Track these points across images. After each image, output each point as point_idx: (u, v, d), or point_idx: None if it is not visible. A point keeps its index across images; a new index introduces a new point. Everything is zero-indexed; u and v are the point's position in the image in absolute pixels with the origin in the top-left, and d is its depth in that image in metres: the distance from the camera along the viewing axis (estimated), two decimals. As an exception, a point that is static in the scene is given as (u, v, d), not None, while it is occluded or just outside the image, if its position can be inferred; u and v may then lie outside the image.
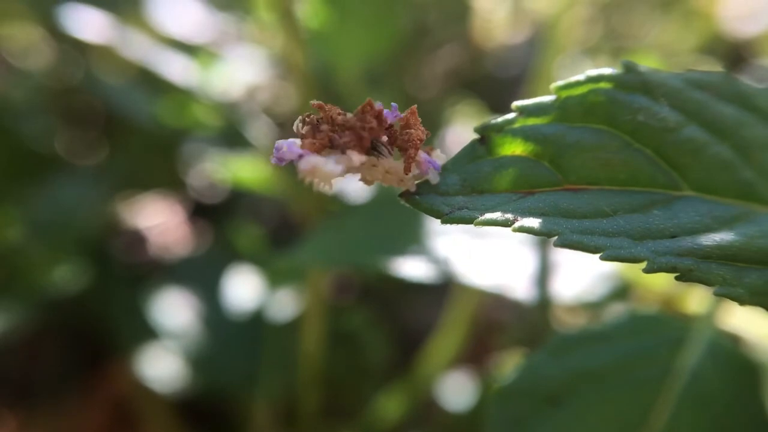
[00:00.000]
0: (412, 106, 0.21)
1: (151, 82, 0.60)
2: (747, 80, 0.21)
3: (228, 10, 0.64)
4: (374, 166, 0.22)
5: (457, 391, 0.56)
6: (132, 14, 0.61)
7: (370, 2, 0.50)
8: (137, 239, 0.70)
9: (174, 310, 0.57)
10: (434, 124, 0.69)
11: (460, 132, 0.67)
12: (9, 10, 0.62)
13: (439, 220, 0.21)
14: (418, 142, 0.21)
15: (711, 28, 0.81)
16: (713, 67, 0.78)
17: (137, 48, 0.52)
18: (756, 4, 0.83)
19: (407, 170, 0.21)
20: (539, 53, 0.53)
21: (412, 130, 0.21)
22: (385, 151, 0.21)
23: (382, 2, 0.51)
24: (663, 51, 0.78)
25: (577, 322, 0.43)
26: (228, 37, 0.64)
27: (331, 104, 0.22)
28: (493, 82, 0.78)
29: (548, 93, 0.22)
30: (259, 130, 0.55)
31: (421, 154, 0.22)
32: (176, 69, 0.53)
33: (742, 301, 0.19)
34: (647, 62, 0.56)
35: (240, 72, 0.60)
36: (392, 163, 0.21)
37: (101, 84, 0.61)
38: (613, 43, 0.78)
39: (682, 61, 0.78)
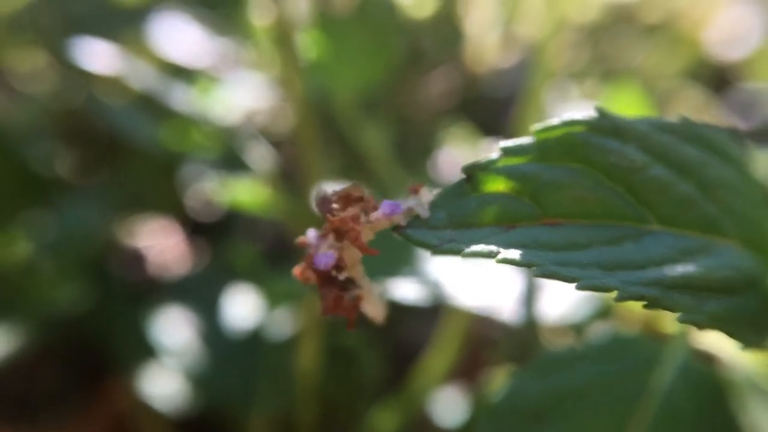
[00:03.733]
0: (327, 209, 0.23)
1: (152, 105, 0.61)
2: (707, 124, 0.23)
3: (227, 35, 0.66)
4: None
5: (449, 406, 0.57)
6: (132, 40, 0.62)
7: (367, 31, 0.52)
8: (136, 258, 0.71)
9: (173, 328, 0.58)
10: (428, 145, 0.71)
11: (452, 154, 0.69)
12: (16, 38, 0.64)
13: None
14: (354, 235, 0.23)
15: (696, 52, 0.84)
16: (698, 91, 0.80)
17: (142, 78, 0.54)
18: (740, 29, 0.86)
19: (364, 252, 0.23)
20: (529, 77, 0.55)
21: (345, 233, 0.23)
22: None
23: (378, 30, 0.53)
24: (649, 74, 0.81)
25: (563, 342, 0.45)
26: (227, 62, 0.66)
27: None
28: (485, 104, 0.80)
29: (537, 116, 0.24)
30: (257, 153, 0.57)
31: (378, 213, 0.24)
32: (177, 95, 0.55)
33: (702, 327, 0.21)
34: (630, 89, 0.58)
35: (239, 96, 0.62)
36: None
37: (103, 107, 0.62)
38: (600, 67, 0.81)
39: (668, 84, 0.80)
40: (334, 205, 0.23)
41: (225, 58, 0.65)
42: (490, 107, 0.79)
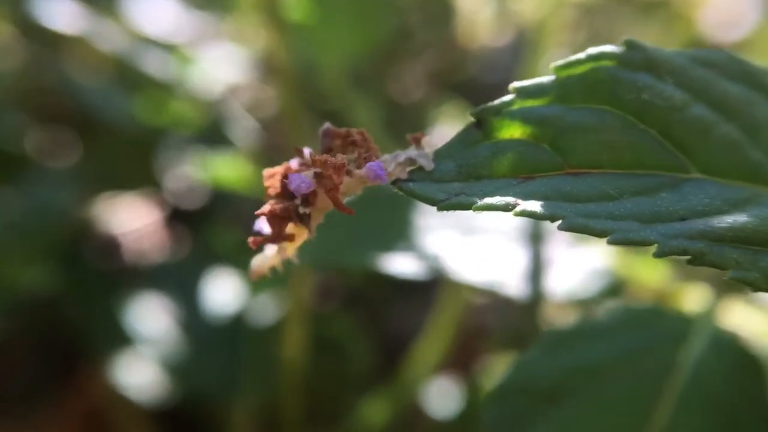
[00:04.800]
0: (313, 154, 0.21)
1: (126, 80, 0.58)
2: (752, 61, 0.20)
3: (206, 9, 0.63)
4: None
5: (442, 397, 0.55)
6: (107, 12, 0.59)
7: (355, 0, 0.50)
8: (112, 244, 0.68)
9: (151, 315, 0.55)
10: (418, 126, 0.68)
11: (445, 133, 0.66)
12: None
13: (428, 216, 0.20)
14: (330, 184, 0.20)
15: (692, 33, 0.82)
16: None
17: (113, 40, 0.51)
18: (736, 11, 0.84)
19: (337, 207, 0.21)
20: (524, 56, 0.53)
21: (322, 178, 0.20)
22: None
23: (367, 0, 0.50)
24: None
25: (567, 320, 0.42)
26: (206, 36, 0.63)
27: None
28: (476, 85, 0.77)
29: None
30: (240, 129, 0.54)
31: (362, 171, 0.21)
32: (154, 62, 0.51)
33: (757, 286, 0.18)
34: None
35: (220, 71, 0.59)
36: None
37: (75, 83, 0.59)
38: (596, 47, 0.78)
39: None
40: (332, 143, 0.21)
41: (205, 31, 0.62)
42: (482, 88, 0.76)
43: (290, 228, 0.21)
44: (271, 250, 0.23)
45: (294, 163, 0.21)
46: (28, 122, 0.61)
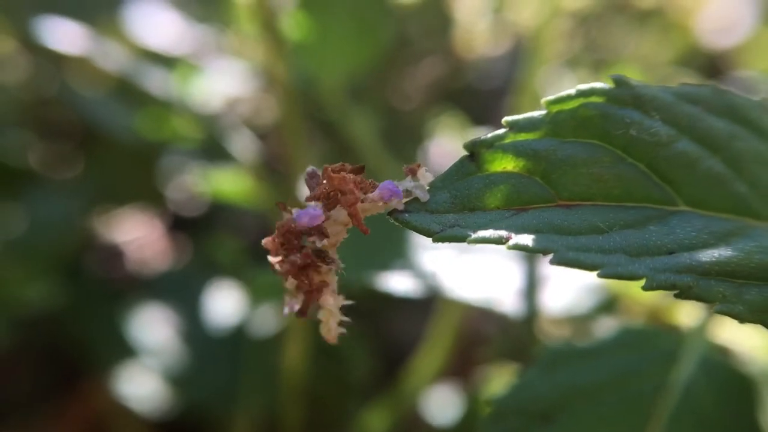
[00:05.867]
0: (327, 169, 0.21)
1: (128, 94, 0.59)
2: (738, 93, 0.21)
3: (207, 22, 0.64)
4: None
5: (442, 405, 0.56)
6: (109, 26, 0.60)
7: (354, 14, 0.50)
8: (114, 254, 0.69)
9: (152, 326, 0.56)
10: (416, 136, 0.69)
11: (443, 144, 0.66)
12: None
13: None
14: (352, 199, 0.20)
15: (688, 40, 0.82)
16: (691, 79, 0.79)
17: (114, 59, 0.51)
18: (732, 17, 0.84)
19: (357, 223, 0.21)
20: (522, 65, 0.53)
21: (343, 194, 0.20)
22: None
23: (365, 14, 0.51)
24: (641, 63, 0.79)
25: (562, 335, 0.43)
26: (207, 49, 0.63)
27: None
28: (474, 94, 0.78)
29: (532, 104, 0.21)
30: (240, 142, 0.54)
31: (375, 194, 0.21)
32: (155, 80, 0.52)
33: (742, 319, 0.18)
34: (630, 75, 0.56)
35: (220, 84, 0.59)
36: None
37: (77, 97, 0.59)
38: (592, 56, 0.79)
39: (660, 73, 0.79)
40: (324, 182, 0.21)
41: (206, 45, 0.63)
42: (480, 97, 0.77)
43: (314, 273, 0.21)
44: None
45: (308, 171, 0.22)
46: (31, 136, 0.62)
